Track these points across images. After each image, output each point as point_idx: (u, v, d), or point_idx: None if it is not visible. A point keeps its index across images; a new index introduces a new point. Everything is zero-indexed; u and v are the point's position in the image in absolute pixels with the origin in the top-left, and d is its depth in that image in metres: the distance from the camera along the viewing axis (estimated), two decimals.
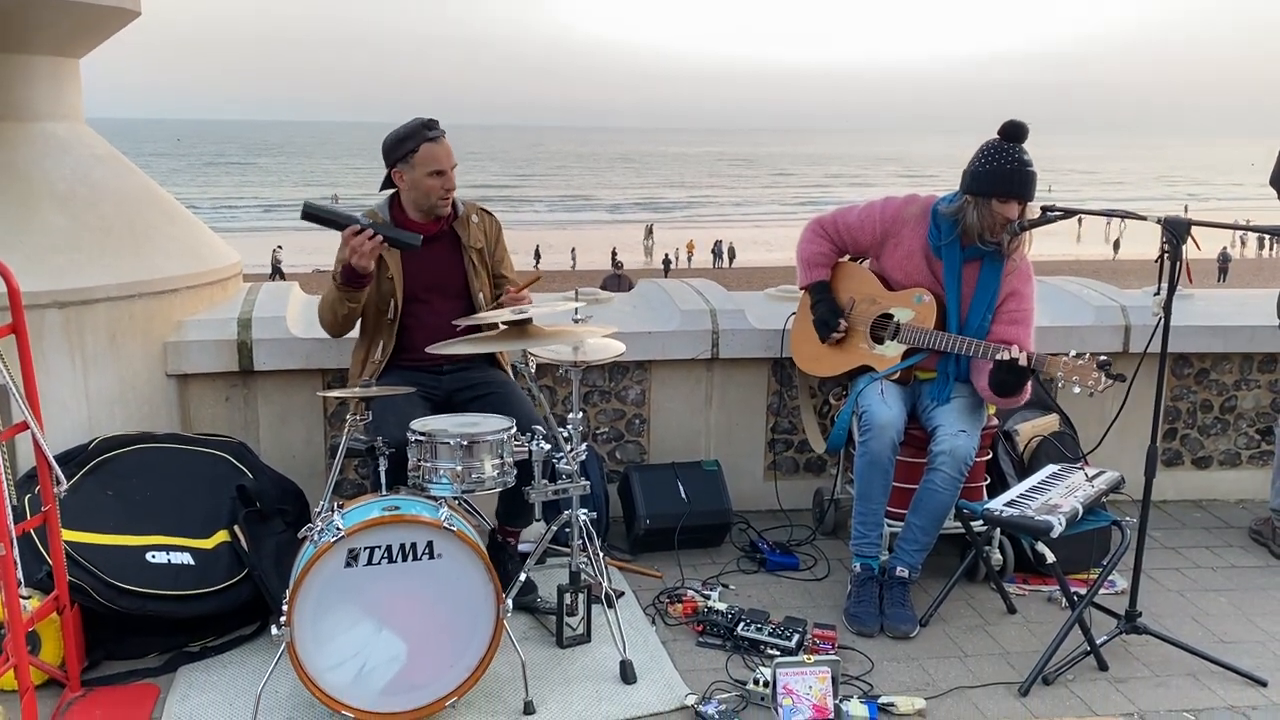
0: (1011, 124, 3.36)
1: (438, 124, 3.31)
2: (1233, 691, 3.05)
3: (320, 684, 2.70)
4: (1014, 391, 3.35)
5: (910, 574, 3.44)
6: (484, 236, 3.48)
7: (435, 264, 3.39)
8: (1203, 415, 4.63)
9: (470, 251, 3.43)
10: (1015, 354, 3.22)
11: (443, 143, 3.30)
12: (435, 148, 3.28)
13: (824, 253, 3.75)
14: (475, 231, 3.46)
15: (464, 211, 3.46)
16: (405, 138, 3.28)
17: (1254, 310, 4.60)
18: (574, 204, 64.71)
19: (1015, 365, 3.24)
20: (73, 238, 3.58)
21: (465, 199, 3.49)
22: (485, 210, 3.55)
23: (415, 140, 3.26)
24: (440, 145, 3.29)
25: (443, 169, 3.29)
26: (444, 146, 3.30)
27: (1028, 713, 2.91)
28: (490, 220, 3.54)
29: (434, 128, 3.29)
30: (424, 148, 3.26)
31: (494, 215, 3.58)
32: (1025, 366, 3.24)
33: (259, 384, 3.90)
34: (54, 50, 3.74)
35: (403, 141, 3.28)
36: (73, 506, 3.09)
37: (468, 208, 3.48)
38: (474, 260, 3.43)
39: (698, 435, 4.33)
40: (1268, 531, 4.14)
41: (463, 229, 3.44)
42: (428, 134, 3.27)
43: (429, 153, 3.27)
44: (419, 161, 3.27)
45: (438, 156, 3.28)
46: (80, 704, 2.86)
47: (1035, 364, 3.22)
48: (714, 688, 2.99)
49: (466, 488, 2.88)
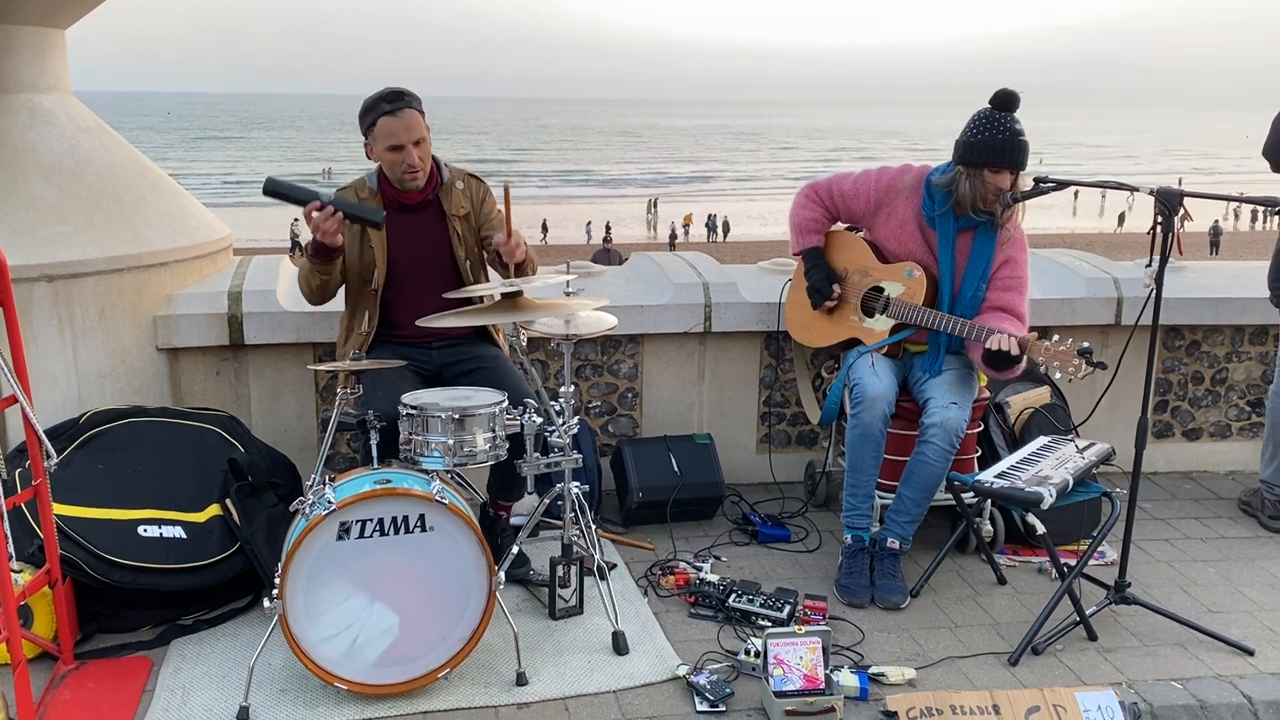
0: (1003, 93, 3.34)
1: (404, 95, 3.16)
2: (1220, 661, 3.08)
3: (313, 656, 2.71)
4: (1009, 366, 3.34)
5: (901, 545, 3.45)
6: (469, 202, 3.38)
7: (419, 234, 3.35)
8: (1194, 387, 4.64)
9: (454, 220, 3.35)
10: (1005, 345, 3.20)
11: (402, 116, 3.14)
12: (392, 122, 3.14)
13: (817, 219, 3.73)
14: (459, 198, 3.36)
15: (448, 179, 3.37)
16: (365, 111, 3.19)
17: (1246, 282, 4.60)
18: (574, 178, 64.41)
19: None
20: (60, 210, 3.55)
21: (454, 164, 3.42)
22: (472, 175, 3.45)
23: (374, 114, 3.16)
24: (398, 119, 3.14)
25: (400, 143, 3.16)
26: (403, 120, 3.14)
27: (1017, 682, 2.93)
28: (477, 184, 3.43)
29: (395, 100, 3.15)
30: (381, 122, 3.15)
31: (482, 180, 3.46)
32: (1017, 355, 3.22)
33: (250, 357, 3.89)
34: (39, 20, 3.70)
35: (364, 114, 3.19)
36: (64, 480, 3.09)
37: (453, 174, 3.39)
38: (458, 229, 3.36)
39: (690, 409, 4.33)
40: (1257, 503, 4.16)
41: (446, 197, 3.35)
42: (385, 107, 3.14)
43: (385, 127, 3.15)
44: (378, 135, 3.17)
45: (394, 131, 3.14)
46: (73, 677, 2.87)
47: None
48: (705, 658, 3.01)
49: (458, 461, 2.88)
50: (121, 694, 2.80)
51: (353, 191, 3.34)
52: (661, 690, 2.87)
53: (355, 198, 3.30)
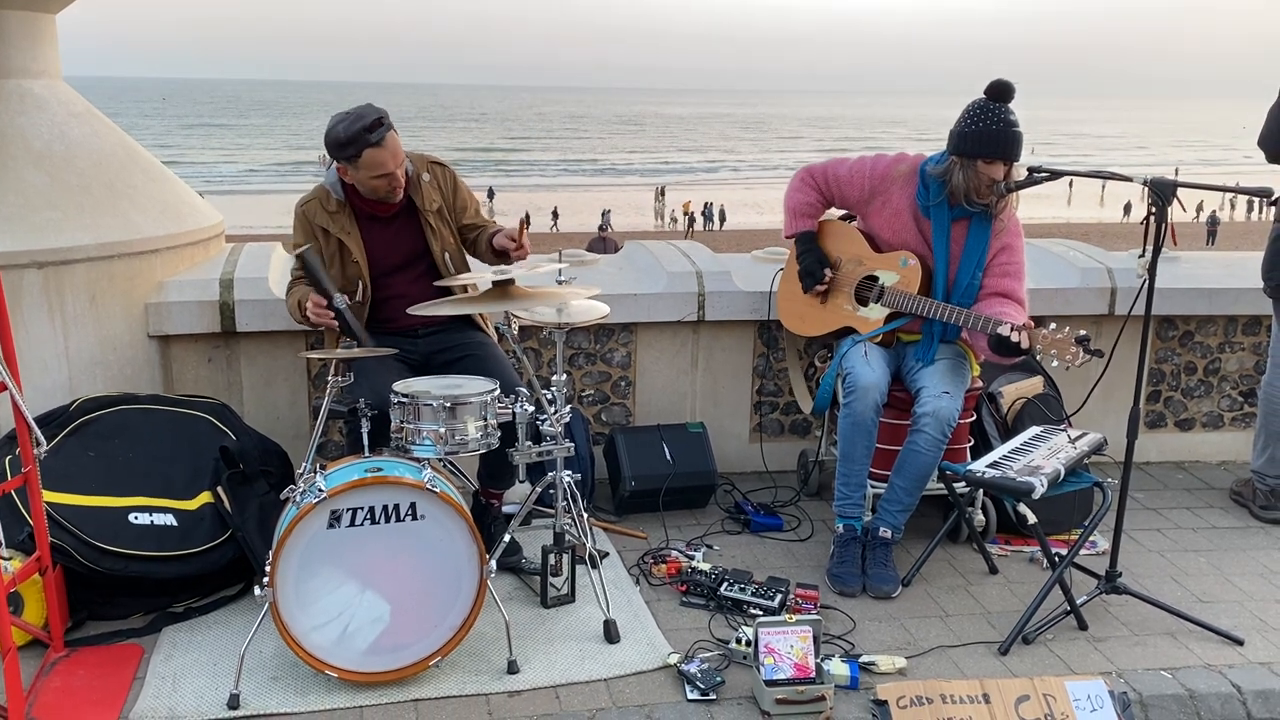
0: (998, 84, 3.33)
1: (382, 121, 3.06)
2: (1210, 650, 3.09)
3: (304, 644, 2.71)
4: (1016, 353, 3.30)
5: (893, 534, 3.46)
6: (439, 194, 3.33)
7: (397, 239, 3.31)
8: (1186, 377, 4.64)
9: (427, 215, 3.29)
10: (1017, 337, 3.18)
11: (387, 143, 3.06)
12: (379, 152, 3.05)
13: (811, 203, 3.72)
14: (429, 192, 3.30)
15: (414, 173, 3.27)
16: (346, 142, 3.05)
17: (1241, 273, 4.61)
18: (577, 167, 64.18)
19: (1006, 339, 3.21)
20: (50, 196, 3.54)
21: (413, 153, 3.30)
22: (436, 162, 3.38)
23: (357, 146, 3.04)
24: (384, 148, 3.06)
25: (388, 171, 3.11)
26: (388, 148, 3.07)
27: (1007, 671, 2.94)
28: (444, 171, 3.37)
29: (376, 129, 3.04)
30: (367, 154, 3.05)
31: (446, 165, 3.40)
32: (1016, 342, 3.19)
33: (242, 345, 3.88)
34: (28, 5, 3.67)
35: (344, 145, 3.06)
36: (54, 468, 3.08)
37: (417, 166, 3.29)
38: (432, 224, 3.30)
39: (683, 397, 4.33)
40: (1248, 493, 4.17)
41: (416, 193, 3.27)
42: (369, 138, 3.03)
43: (372, 158, 3.06)
44: (363, 165, 3.08)
45: (382, 161, 3.07)
46: (63, 664, 2.87)
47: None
48: (697, 647, 3.01)
49: (450, 449, 2.87)
50: (112, 681, 2.80)
51: (317, 203, 3.25)
52: (653, 678, 2.87)
53: (320, 209, 3.24)
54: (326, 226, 3.25)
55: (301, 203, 3.30)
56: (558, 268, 3.25)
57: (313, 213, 3.26)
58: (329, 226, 3.24)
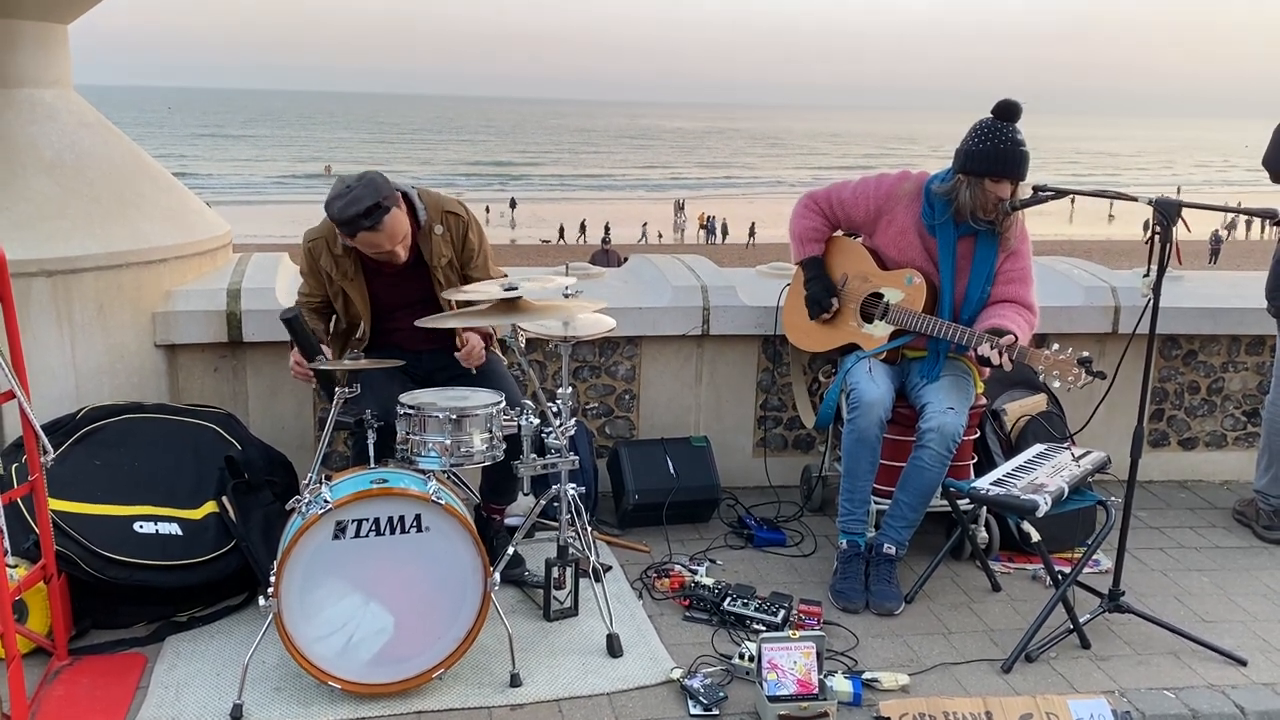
0: (1005, 103, 3.35)
1: (379, 205, 2.95)
2: (1213, 670, 3.09)
3: (307, 655, 2.71)
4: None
5: (897, 551, 3.46)
6: (449, 248, 3.24)
7: (404, 285, 3.25)
8: (1190, 397, 4.65)
9: (437, 271, 3.22)
10: (999, 360, 3.21)
11: (384, 226, 2.97)
12: (374, 235, 2.99)
13: (817, 227, 3.74)
14: (439, 246, 3.21)
15: (426, 222, 3.19)
16: (341, 223, 2.99)
17: (1244, 292, 4.61)
18: (597, 181, 64.10)
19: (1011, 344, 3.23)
20: (60, 205, 3.56)
21: (429, 197, 3.24)
22: (450, 211, 3.25)
23: (351, 229, 2.99)
24: (380, 232, 2.98)
25: (384, 249, 3.05)
26: (385, 231, 2.98)
27: (1010, 689, 2.94)
28: (458, 221, 3.25)
29: (372, 214, 2.94)
30: (361, 236, 3.00)
31: (461, 215, 3.28)
32: (998, 365, 3.23)
33: (248, 355, 3.89)
34: (42, 15, 3.70)
35: (339, 224, 3.01)
36: (60, 476, 3.09)
37: (430, 216, 3.20)
38: (441, 279, 3.23)
39: (687, 411, 4.34)
40: (1251, 512, 4.17)
41: (426, 244, 3.19)
42: (363, 224, 2.95)
43: (367, 240, 3.01)
44: (358, 243, 3.05)
45: (378, 243, 3.02)
46: (67, 672, 2.87)
47: (1017, 356, 3.22)
48: (700, 662, 3.01)
49: (455, 461, 2.89)
50: (115, 690, 2.80)
51: (324, 243, 3.20)
52: (655, 693, 2.87)
53: (326, 251, 3.19)
54: (330, 272, 3.21)
55: (309, 237, 3.24)
56: (565, 282, 3.26)
57: (318, 252, 3.21)
58: (332, 272, 3.20)
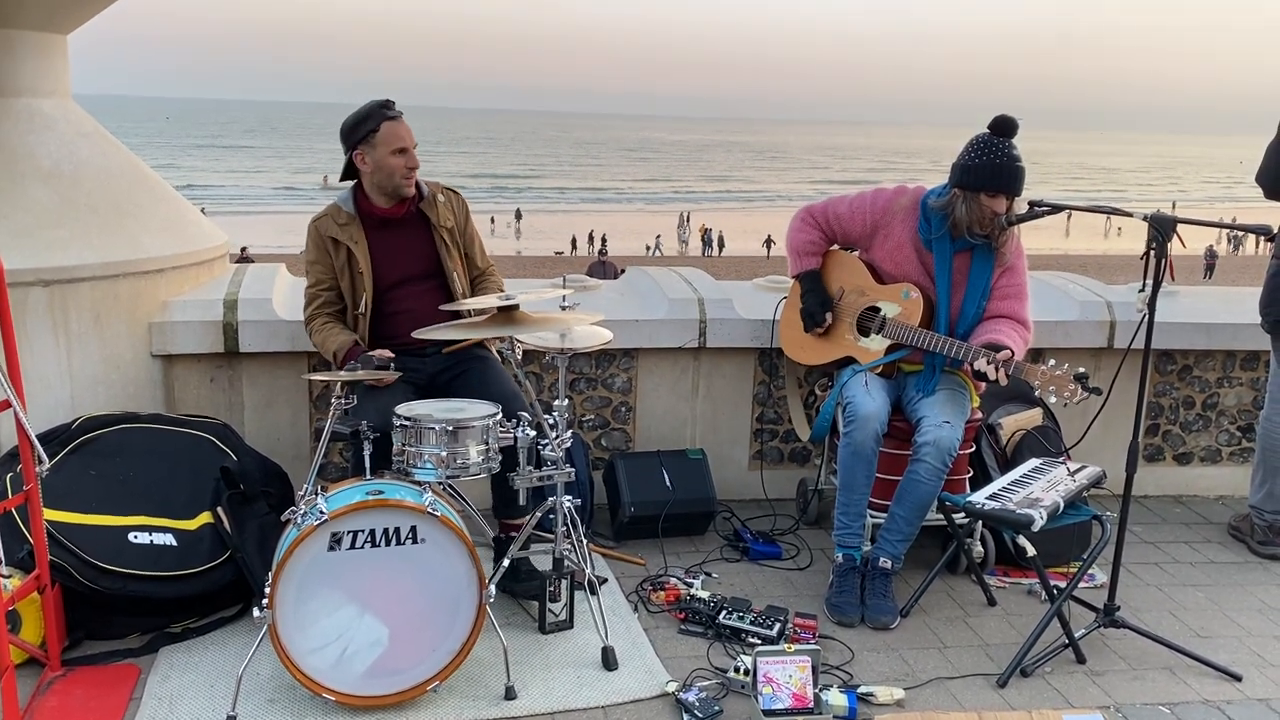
0: (1001, 119, 3.37)
1: (394, 104, 3.31)
2: (1208, 686, 3.09)
3: (302, 667, 2.70)
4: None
5: (893, 564, 3.46)
6: (453, 216, 3.46)
7: (406, 250, 3.38)
8: (1185, 412, 4.66)
9: (441, 231, 3.40)
10: (995, 375, 3.23)
11: (402, 121, 3.30)
12: (396, 125, 3.26)
13: (814, 241, 3.75)
14: (444, 211, 3.43)
15: (429, 192, 3.42)
16: (365, 118, 3.26)
17: (1239, 308, 4.63)
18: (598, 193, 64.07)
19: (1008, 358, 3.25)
20: (57, 215, 3.56)
21: (427, 179, 3.45)
22: (450, 189, 3.52)
23: (375, 120, 3.25)
24: (400, 124, 3.28)
25: (405, 146, 3.28)
26: (404, 124, 3.29)
27: (1005, 704, 2.93)
28: (457, 199, 3.51)
29: (391, 107, 3.29)
30: (384, 126, 3.25)
31: (459, 194, 3.55)
32: (994, 380, 3.24)
33: (244, 366, 3.89)
34: (41, 25, 3.70)
35: (362, 122, 3.26)
36: (55, 486, 3.08)
37: (433, 188, 3.45)
38: (445, 240, 3.41)
39: (683, 424, 4.34)
40: (1246, 528, 4.17)
41: (431, 209, 3.40)
42: (387, 114, 3.26)
43: (390, 130, 3.25)
44: (380, 140, 3.25)
45: (400, 134, 3.26)
46: (60, 683, 2.86)
47: (1013, 371, 3.24)
48: (695, 675, 3.00)
49: (451, 473, 2.88)
50: (109, 701, 2.79)
51: (329, 218, 3.37)
52: (650, 706, 2.86)
53: (332, 222, 3.36)
54: (336, 236, 3.34)
55: (314, 219, 3.41)
56: (561, 294, 3.26)
57: (324, 226, 3.36)
58: (339, 236, 3.34)
